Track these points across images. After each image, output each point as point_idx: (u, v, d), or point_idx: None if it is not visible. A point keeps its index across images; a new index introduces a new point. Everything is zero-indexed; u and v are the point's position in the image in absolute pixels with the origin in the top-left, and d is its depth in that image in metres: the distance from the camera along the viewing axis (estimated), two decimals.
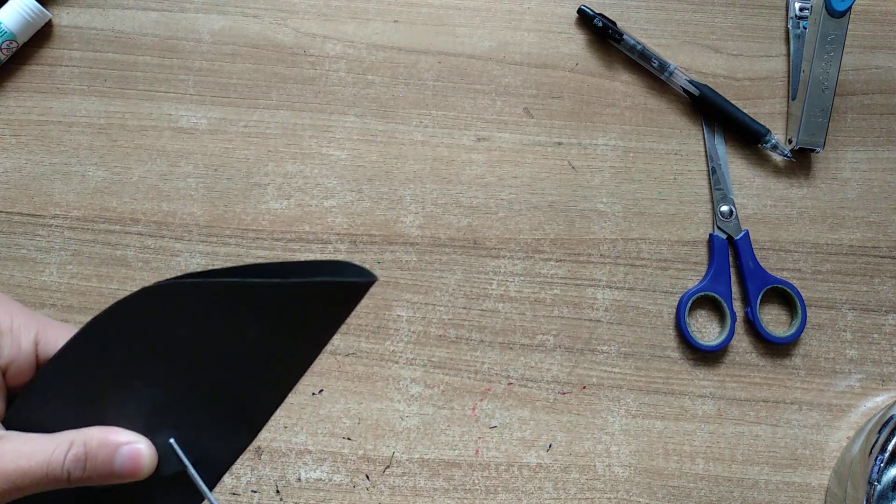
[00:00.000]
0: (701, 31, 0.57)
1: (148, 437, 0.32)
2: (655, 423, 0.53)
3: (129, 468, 0.32)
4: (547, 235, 0.54)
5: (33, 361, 0.33)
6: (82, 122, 0.54)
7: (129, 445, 0.32)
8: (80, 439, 0.31)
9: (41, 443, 0.31)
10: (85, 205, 0.54)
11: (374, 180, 0.54)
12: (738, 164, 0.56)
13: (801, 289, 0.54)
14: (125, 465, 0.32)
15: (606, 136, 0.56)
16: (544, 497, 0.52)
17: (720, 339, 0.53)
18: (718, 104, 0.55)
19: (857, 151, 0.56)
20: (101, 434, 0.32)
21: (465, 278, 0.54)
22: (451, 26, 0.56)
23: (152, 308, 0.31)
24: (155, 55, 0.55)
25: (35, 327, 0.33)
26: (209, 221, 0.54)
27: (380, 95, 0.55)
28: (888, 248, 0.55)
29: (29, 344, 0.33)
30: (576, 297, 0.54)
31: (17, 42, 0.54)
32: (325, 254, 0.53)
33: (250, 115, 0.55)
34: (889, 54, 0.57)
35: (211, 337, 0.31)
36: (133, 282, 0.53)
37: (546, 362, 0.53)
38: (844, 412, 0.54)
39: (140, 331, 0.31)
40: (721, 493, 0.52)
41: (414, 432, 0.52)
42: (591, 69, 0.56)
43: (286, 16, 0.56)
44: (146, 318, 0.31)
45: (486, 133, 0.55)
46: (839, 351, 0.54)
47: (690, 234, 0.55)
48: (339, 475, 0.51)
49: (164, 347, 0.31)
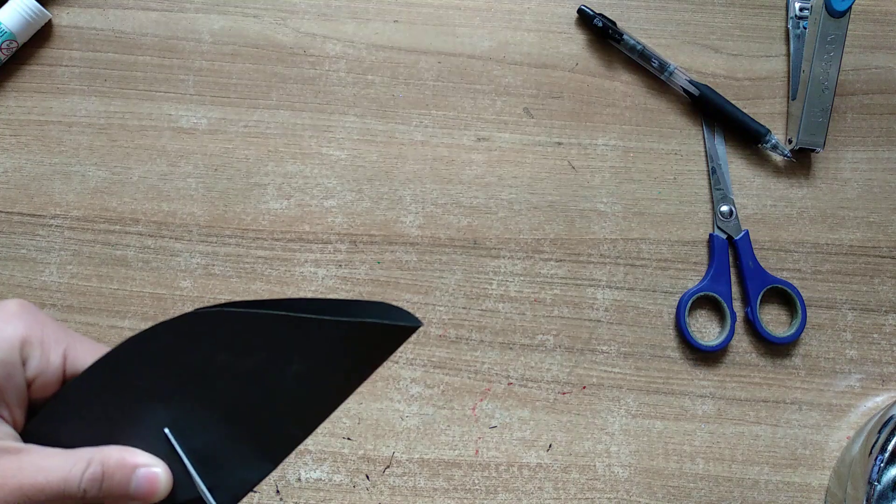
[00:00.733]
0: (701, 31, 0.57)
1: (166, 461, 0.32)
2: (655, 423, 0.53)
3: (144, 490, 0.32)
4: (547, 235, 0.54)
5: (60, 376, 0.33)
6: (82, 122, 0.54)
7: (146, 469, 0.32)
8: (98, 458, 0.31)
9: (59, 459, 0.31)
10: (85, 205, 0.54)
11: (374, 180, 0.54)
12: (738, 164, 0.56)
13: (801, 289, 0.54)
14: (140, 487, 0.32)
15: (606, 136, 0.56)
16: (544, 497, 0.52)
17: (720, 339, 0.53)
18: (718, 104, 0.55)
19: (857, 151, 0.56)
20: (119, 454, 0.32)
21: (465, 278, 0.54)
22: (451, 26, 0.56)
23: (196, 333, 0.31)
24: (155, 55, 0.55)
25: (65, 342, 0.33)
26: (209, 221, 0.54)
27: (380, 95, 0.55)
28: (888, 248, 0.55)
29: (58, 358, 0.33)
30: (576, 297, 0.54)
31: (17, 42, 0.54)
32: (325, 253, 0.53)
33: (250, 115, 0.55)
34: (889, 54, 0.57)
35: (250, 366, 0.31)
36: (133, 282, 0.53)
37: (546, 362, 0.53)
38: (844, 412, 0.54)
39: (177, 354, 0.31)
40: (721, 493, 0.52)
41: (414, 432, 0.52)
42: (591, 69, 0.56)
43: (286, 16, 0.56)
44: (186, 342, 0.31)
45: (486, 133, 0.55)
46: (839, 351, 0.54)
47: (690, 234, 0.55)
48: (339, 475, 0.51)
49: (199, 373, 0.32)
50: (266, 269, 0.53)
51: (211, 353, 0.31)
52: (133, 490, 0.31)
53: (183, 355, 0.31)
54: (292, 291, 0.53)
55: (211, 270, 0.53)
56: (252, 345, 0.31)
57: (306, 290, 0.53)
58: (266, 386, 0.31)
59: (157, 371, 0.32)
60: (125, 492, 0.31)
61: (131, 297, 0.53)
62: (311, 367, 0.31)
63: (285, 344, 0.31)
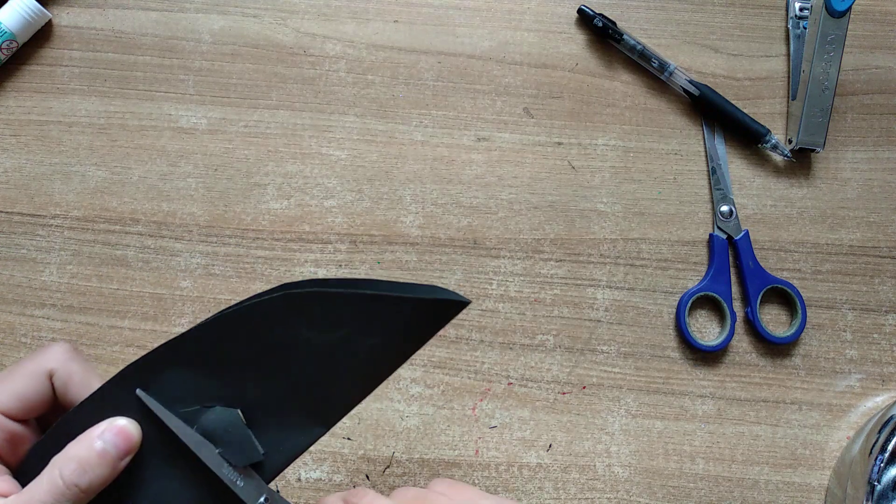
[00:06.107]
0: (701, 31, 0.57)
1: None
2: (655, 423, 0.53)
3: (114, 440, 0.33)
4: (547, 235, 0.54)
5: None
6: (82, 122, 0.54)
7: (103, 428, 0.33)
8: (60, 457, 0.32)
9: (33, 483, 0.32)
10: (85, 205, 0.54)
11: (374, 180, 0.54)
12: (738, 164, 0.56)
13: (801, 289, 0.54)
14: (110, 440, 0.33)
15: (606, 136, 0.56)
16: (544, 497, 0.52)
17: (720, 339, 0.53)
18: (718, 104, 0.55)
19: (857, 151, 0.56)
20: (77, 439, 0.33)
21: (465, 278, 0.54)
22: (451, 26, 0.56)
23: (285, 311, 0.33)
24: (155, 55, 0.55)
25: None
26: (209, 221, 0.54)
27: (380, 95, 0.55)
28: (888, 248, 0.55)
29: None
30: (576, 297, 0.54)
31: (17, 42, 0.54)
32: (325, 253, 0.53)
33: (250, 115, 0.55)
34: (889, 54, 0.57)
35: (332, 340, 0.34)
36: (133, 282, 0.53)
37: (546, 362, 0.53)
38: (844, 412, 0.54)
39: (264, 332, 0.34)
40: (721, 493, 0.52)
41: (414, 432, 0.52)
42: (591, 69, 0.56)
43: (286, 16, 0.56)
44: (274, 321, 0.33)
45: (486, 133, 0.55)
46: (839, 351, 0.54)
47: (690, 234, 0.55)
48: (339, 475, 0.51)
49: (279, 348, 0.34)
50: (266, 269, 0.53)
51: (297, 329, 0.33)
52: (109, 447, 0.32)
53: (270, 332, 0.34)
54: None
55: (211, 270, 0.53)
56: (340, 321, 0.33)
57: None
58: (340, 358, 0.34)
59: (239, 348, 0.34)
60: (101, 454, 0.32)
61: (131, 297, 0.53)
62: (384, 339, 0.34)
63: (369, 320, 0.33)
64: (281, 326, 0.33)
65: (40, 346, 0.35)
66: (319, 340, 0.34)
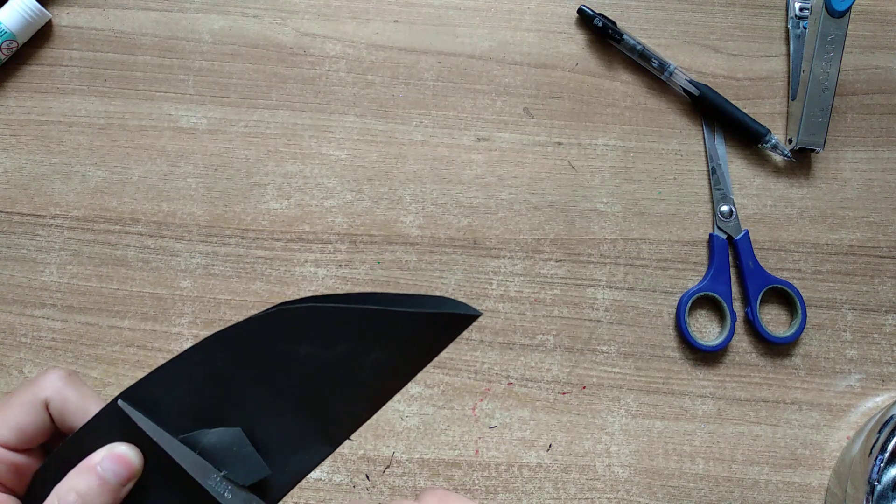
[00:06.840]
0: (701, 31, 0.57)
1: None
2: (655, 423, 0.53)
3: (114, 468, 0.32)
4: (547, 235, 0.54)
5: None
6: (82, 122, 0.54)
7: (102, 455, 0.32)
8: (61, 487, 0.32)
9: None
10: (85, 205, 0.54)
11: (374, 180, 0.54)
12: (738, 164, 0.56)
13: (801, 289, 0.54)
14: (109, 468, 0.32)
15: (606, 136, 0.56)
16: (544, 497, 0.52)
17: (720, 339, 0.53)
18: (718, 104, 0.55)
19: (857, 151, 0.56)
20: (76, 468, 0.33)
21: (465, 278, 0.54)
22: (451, 26, 0.56)
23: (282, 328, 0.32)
24: (155, 55, 0.55)
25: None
26: (209, 221, 0.54)
27: (380, 95, 0.55)
28: (888, 248, 0.55)
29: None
30: (576, 297, 0.54)
31: (17, 42, 0.54)
32: (325, 253, 0.53)
33: (250, 115, 0.55)
34: (889, 54, 0.57)
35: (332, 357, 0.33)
36: (133, 282, 0.53)
37: (546, 362, 0.53)
38: (844, 412, 0.54)
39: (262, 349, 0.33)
40: (721, 493, 0.52)
41: (414, 432, 0.52)
42: (591, 69, 0.56)
43: (286, 16, 0.56)
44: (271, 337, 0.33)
45: (486, 133, 0.55)
46: (839, 351, 0.54)
47: (690, 234, 0.55)
48: (339, 475, 0.51)
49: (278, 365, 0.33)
50: (266, 269, 0.53)
51: (295, 346, 0.33)
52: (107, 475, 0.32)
53: (268, 350, 0.33)
54: (292, 291, 0.53)
55: (211, 270, 0.53)
56: (337, 337, 0.33)
57: (306, 290, 0.53)
58: (343, 374, 0.33)
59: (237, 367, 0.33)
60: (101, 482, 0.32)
61: (131, 297, 0.53)
62: (388, 355, 0.33)
63: (368, 335, 0.32)
64: (279, 342, 0.33)
65: (35, 375, 0.35)
66: (320, 357, 0.33)
